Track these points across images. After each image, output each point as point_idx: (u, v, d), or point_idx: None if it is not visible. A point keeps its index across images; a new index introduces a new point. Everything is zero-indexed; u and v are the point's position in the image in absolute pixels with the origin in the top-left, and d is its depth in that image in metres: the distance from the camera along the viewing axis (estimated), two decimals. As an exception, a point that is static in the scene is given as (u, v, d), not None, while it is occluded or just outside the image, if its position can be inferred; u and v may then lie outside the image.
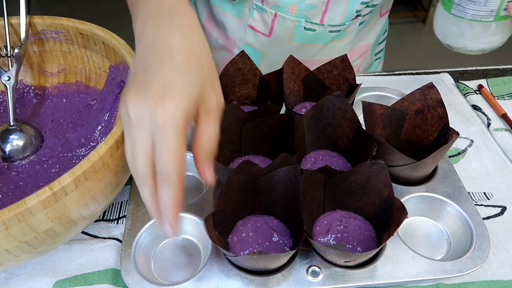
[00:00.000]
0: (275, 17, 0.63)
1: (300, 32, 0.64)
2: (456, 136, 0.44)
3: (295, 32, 0.65)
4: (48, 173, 0.47)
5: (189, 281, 0.40)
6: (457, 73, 0.69)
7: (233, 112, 0.48)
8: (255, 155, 0.51)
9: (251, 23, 0.66)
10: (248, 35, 0.67)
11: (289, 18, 0.63)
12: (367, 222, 0.44)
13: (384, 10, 0.72)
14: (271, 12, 0.63)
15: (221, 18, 0.70)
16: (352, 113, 0.48)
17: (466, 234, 0.44)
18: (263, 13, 0.64)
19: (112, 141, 0.36)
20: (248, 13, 0.65)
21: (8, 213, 0.31)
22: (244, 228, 0.43)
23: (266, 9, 0.63)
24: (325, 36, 0.65)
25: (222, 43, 0.72)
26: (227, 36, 0.71)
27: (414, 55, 2.25)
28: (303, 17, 0.63)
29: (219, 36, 0.73)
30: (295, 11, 0.62)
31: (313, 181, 0.42)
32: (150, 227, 0.45)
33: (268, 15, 0.64)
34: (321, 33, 0.65)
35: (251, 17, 0.65)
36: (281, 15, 0.63)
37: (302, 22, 0.63)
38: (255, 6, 0.64)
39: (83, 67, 0.54)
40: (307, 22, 0.63)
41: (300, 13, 0.62)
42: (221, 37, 0.72)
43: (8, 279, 0.43)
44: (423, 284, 0.43)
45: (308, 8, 0.61)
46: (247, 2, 0.65)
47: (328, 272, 0.41)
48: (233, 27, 0.69)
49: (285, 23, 0.64)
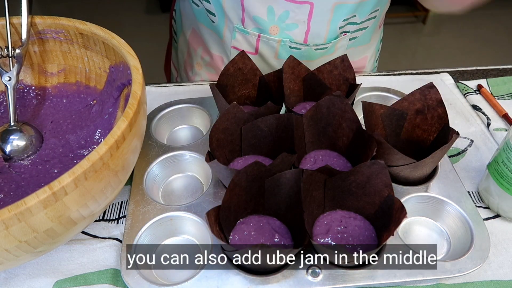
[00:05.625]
0: (258, 37, 0.63)
1: (286, 50, 0.64)
2: (456, 136, 0.44)
3: (280, 51, 0.64)
4: (50, 174, 0.47)
5: (189, 281, 0.40)
6: (457, 73, 0.69)
7: (233, 112, 0.48)
8: (255, 155, 0.51)
9: (234, 44, 0.65)
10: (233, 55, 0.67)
11: (272, 38, 0.62)
12: (367, 222, 0.44)
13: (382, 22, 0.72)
14: (253, 33, 0.63)
15: (205, 35, 0.69)
16: (352, 113, 0.48)
17: (466, 234, 0.44)
18: (245, 34, 0.63)
19: (112, 141, 0.36)
20: (229, 35, 0.65)
21: (8, 213, 0.31)
22: (246, 227, 0.43)
23: (248, 31, 0.63)
24: (311, 53, 0.65)
25: (208, 60, 0.72)
26: (212, 53, 0.70)
27: (414, 55, 2.25)
28: (286, 37, 0.62)
29: (204, 53, 0.72)
30: (276, 31, 0.61)
31: (313, 181, 0.42)
32: (150, 227, 0.45)
33: (251, 36, 0.63)
34: (307, 51, 0.64)
35: (233, 39, 0.65)
36: (265, 36, 0.62)
37: (287, 42, 0.62)
38: (236, 29, 0.63)
39: (83, 67, 0.54)
40: (292, 42, 0.62)
41: (282, 33, 0.61)
42: (206, 55, 0.72)
43: (8, 279, 0.43)
44: (423, 284, 0.43)
45: (289, 28, 0.61)
46: (226, 24, 0.64)
47: (328, 272, 0.41)
48: (217, 46, 0.68)
49: (270, 43, 0.63)
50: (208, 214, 0.38)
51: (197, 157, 0.52)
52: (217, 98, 0.52)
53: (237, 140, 0.50)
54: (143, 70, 0.44)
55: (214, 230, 0.38)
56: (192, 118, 0.60)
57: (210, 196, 0.48)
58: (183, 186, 0.52)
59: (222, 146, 0.48)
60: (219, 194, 0.48)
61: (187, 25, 0.73)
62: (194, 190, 0.51)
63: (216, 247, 0.43)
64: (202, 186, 0.52)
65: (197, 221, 0.45)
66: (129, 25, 2.43)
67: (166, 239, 0.46)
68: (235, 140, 0.50)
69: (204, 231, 0.45)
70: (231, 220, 0.43)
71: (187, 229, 0.46)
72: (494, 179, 0.46)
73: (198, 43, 0.72)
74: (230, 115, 0.48)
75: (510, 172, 0.43)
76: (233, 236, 0.43)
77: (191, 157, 0.53)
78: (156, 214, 0.46)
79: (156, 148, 0.53)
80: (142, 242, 0.44)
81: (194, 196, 0.51)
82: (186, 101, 0.60)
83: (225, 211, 0.41)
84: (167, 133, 0.59)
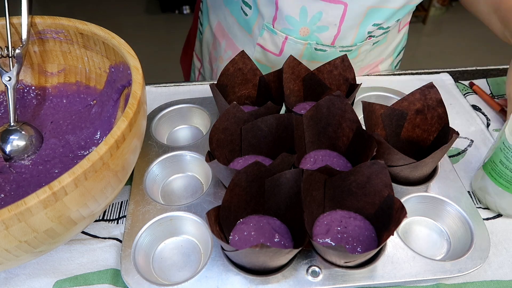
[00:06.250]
0: (285, 39, 0.62)
1: (310, 52, 0.64)
2: (456, 136, 0.44)
3: (305, 53, 0.64)
4: (51, 174, 0.47)
5: (189, 281, 0.40)
6: (457, 73, 0.69)
7: (233, 112, 0.48)
8: (255, 155, 0.51)
9: (260, 41, 0.65)
10: (257, 52, 0.67)
11: (300, 41, 0.62)
12: (367, 222, 0.44)
13: (403, 24, 0.70)
14: (281, 35, 0.62)
15: (231, 28, 0.69)
16: (352, 113, 0.48)
17: (466, 234, 0.44)
18: (273, 34, 0.63)
19: (112, 141, 0.36)
20: (257, 32, 0.65)
21: (8, 213, 0.31)
22: (246, 227, 0.43)
23: (277, 32, 0.62)
24: (335, 55, 0.64)
25: (230, 54, 0.72)
26: (237, 47, 0.70)
27: (414, 55, 2.25)
28: (314, 39, 0.62)
29: (227, 46, 0.72)
30: (306, 33, 0.61)
31: (313, 181, 0.42)
32: (150, 227, 0.45)
33: (279, 37, 0.63)
34: (332, 53, 0.64)
35: (260, 36, 0.64)
36: (292, 38, 0.62)
37: (313, 44, 0.62)
38: (265, 27, 0.63)
39: (83, 67, 0.54)
40: (318, 44, 0.62)
41: (312, 34, 0.61)
42: (229, 48, 0.71)
43: (8, 279, 0.43)
44: (423, 284, 0.43)
45: (320, 30, 0.61)
46: (257, 20, 0.64)
47: (328, 272, 0.41)
48: (243, 40, 0.68)
49: (296, 45, 0.63)
50: (208, 214, 0.38)
51: (197, 157, 0.52)
52: (217, 98, 0.52)
53: (237, 140, 0.50)
54: (143, 70, 0.44)
55: (214, 230, 0.38)
56: (192, 118, 0.60)
57: (210, 196, 0.48)
58: (183, 186, 0.52)
59: (222, 146, 0.48)
60: (219, 194, 0.48)
61: (213, 17, 0.73)
62: (194, 190, 0.51)
63: (216, 247, 0.43)
64: (202, 186, 0.52)
65: (197, 221, 0.45)
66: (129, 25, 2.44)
67: (166, 239, 0.46)
68: (235, 140, 0.50)
69: (204, 231, 0.45)
70: (231, 220, 0.43)
71: (187, 229, 0.46)
72: (491, 179, 0.46)
73: (223, 36, 0.72)
74: (230, 115, 0.48)
75: (509, 171, 0.43)
76: (233, 236, 0.43)
77: (191, 157, 0.53)
78: (156, 214, 0.46)
79: (156, 148, 0.53)
80: (142, 242, 0.44)
81: (194, 196, 0.51)
82: (186, 101, 0.60)
83: (225, 211, 0.41)
84: (167, 133, 0.59)
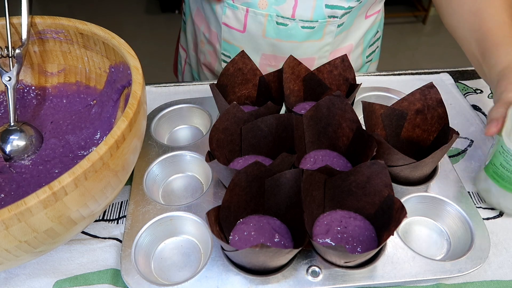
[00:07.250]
0: (247, 12, 0.65)
1: (273, 26, 0.65)
2: (456, 136, 0.44)
3: (267, 28, 0.66)
4: (51, 174, 0.47)
5: (189, 281, 0.40)
6: (457, 73, 0.69)
7: (233, 112, 0.48)
8: (255, 155, 0.51)
9: (224, 20, 0.68)
10: (224, 32, 0.69)
11: (260, 13, 0.64)
12: (367, 222, 0.44)
13: (372, 12, 0.71)
14: (242, 8, 0.65)
15: (206, 12, 0.72)
16: (352, 113, 0.48)
17: (466, 234, 0.44)
18: (234, 9, 0.65)
19: (112, 141, 0.36)
20: (220, 11, 0.67)
21: (8, 213, 0.31)
22: (246, 227, 0.43)
23: (237, 6, 0.65)
24: (298, 32, 0.66)
25: (208, 37, 0.75)
26: (211, 29, 0.73)
27: (414, 55, 2.25)
28: (274, 11, 0.64)
29: (205, 30, 0.75)
30: (265, 5, 0.63)
31: (313, 181, 0.42)
32: (150, 227, 0.45)
33: (240, 11, 0.65)
34: (294, 29, 0.65)
35: (224, 15, 0.67)
36: (253, 10, 0.64)
37: (274, 17, 0.64)
38: (226, 4, 0.65)
39: (83, 67, 0.54)
40: (278, 17, 0.64)
41: (270, 7, 0.63)
42: (207, 32, 0.74)
43: (8, 279, 0.43)
44: (423, 284, 0.43)
45: (278, 2, 0.63)
46: (217, 0, 0.66)
47: (328, 272, 0.41)
48: (214, 22, 0.71)
49: (257, 18, 0.65)
50: (208, 214, 0.38)
51: (197, 157, 0.52)
52: (217, 98, 0.52)
53: (237, 140, 0.50)
54: (143, 70, 0.44)
55: (214, 230, 0.38)
56: (192, 118, 0.60)
57: (210, 196, 0.48)
58: (183, 186, 0.52)
59: (222, 146, 0.48)
60: (219, 194, 0.48)
61: (193, 5, 0.76)
62: (194, 190, 0.51)
63: (216, 247, 0.43)
64: (202, 186, 0.52)
65: (197, 221, 0.45)
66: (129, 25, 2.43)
67: (166, 239, 0.46)
68: (235, 140, 0.50)
69: (204, 231, 0.45)
70: (231, 220, 0.43)
71: (187, 229, 0.46)
72: (494, 181, 0.46)
73: (201, 20, 0.75)
74: (230, 115, 0.48)
75: (511, 173, 0.43)
76: (233, 236, 0.43)
77: (191, 157, 0.53)
78: (156, 214, 0.46)
79: (156, 148, 0.53)
80: (142, 242, 0.44)
81: (194, 196, 0.51)
82: (186, 101, 0.60)
83: (225, 211, 0.41)
84: (167, 133, 0.59)
